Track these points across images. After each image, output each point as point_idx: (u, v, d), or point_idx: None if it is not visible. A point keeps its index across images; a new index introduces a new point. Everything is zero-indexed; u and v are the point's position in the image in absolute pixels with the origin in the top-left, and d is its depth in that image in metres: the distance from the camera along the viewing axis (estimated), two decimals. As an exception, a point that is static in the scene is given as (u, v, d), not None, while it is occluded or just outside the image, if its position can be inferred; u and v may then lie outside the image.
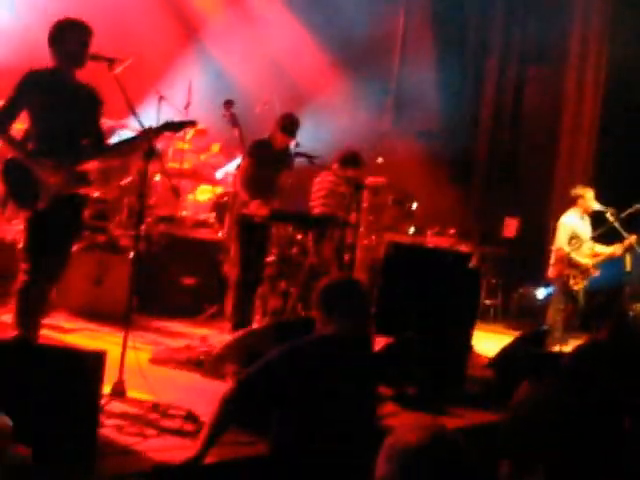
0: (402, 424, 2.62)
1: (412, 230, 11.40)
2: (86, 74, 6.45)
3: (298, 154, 8.94)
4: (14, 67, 6.88)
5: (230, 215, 9.67)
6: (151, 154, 6.14)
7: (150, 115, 9.67)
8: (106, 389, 5.54)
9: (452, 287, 8.26)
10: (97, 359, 4.71)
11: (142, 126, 6.19)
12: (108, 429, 5.13)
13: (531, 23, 15.32)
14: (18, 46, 10.07)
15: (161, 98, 9.96)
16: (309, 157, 8.80)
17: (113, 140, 10.06)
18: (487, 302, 13.27)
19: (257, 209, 8.58)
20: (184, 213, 10.54)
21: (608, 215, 10.39)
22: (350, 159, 9.67)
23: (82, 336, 7.94)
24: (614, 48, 14.31)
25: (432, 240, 10.81)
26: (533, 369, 6.15)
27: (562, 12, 14.78)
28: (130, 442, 5.05)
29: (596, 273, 10.50)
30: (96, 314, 8.72)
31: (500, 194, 15.44)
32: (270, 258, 9.19)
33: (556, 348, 9.68)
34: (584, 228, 10.58)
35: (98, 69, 6.34)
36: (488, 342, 9.99)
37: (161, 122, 6.50)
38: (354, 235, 9.19)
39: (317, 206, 9.68)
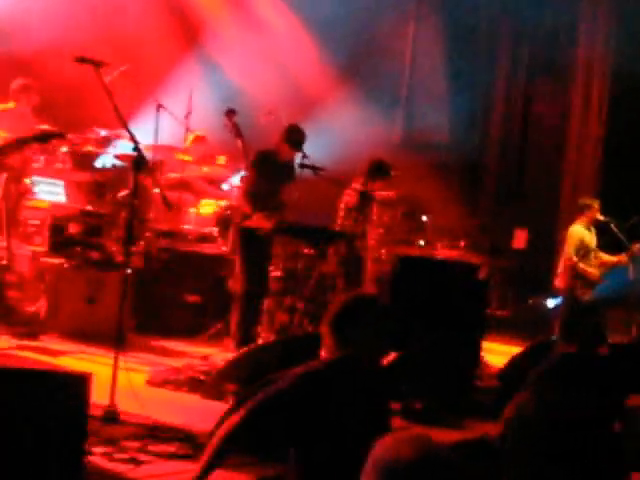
0: (388, 436, 2.42)
1: (422, 243, 11.21)
2: (80, 80, 6.21)
3: (303, 166, 8.70)
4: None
5: (234, 229, 9.41)
6: (141, 166, 5.86)
7: (149, 124, 9.47)
8: (98, 413, 5.30)
9: (461, 298, 8.11)
10: (82, 382, 4.42)
11: (132, 135, 5.91)
12: (99, 456, 4.88)
13: (539, 36, 15.24)
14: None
15: (159, 107, 9.70)
16: (315, 169, 8.58)
17: (109, 151, 9.89)
18: (497, 313, 13.16)
19: (260, 222, 8.34)
20: (186, 227, 10.26)
21: (612, 225, 10.45)
22: (377, 169, 9.50)
23: (75, 359, 7.60)
24: (619, 61, 14.23)
25: (442, 252, 10.58)
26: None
27: (569, 26, 14.74)
28: (123, 469, 4.82)
29: (601, 282, 10.52)
30: (90, 335, 8.29)
31: (509, 206, 15.37)
32: (276, 273, 8.96)
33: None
34: (591, 238, 10.64)
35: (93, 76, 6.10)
36: (497, 353, 9.85)
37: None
38: (362, 248, 9.00)
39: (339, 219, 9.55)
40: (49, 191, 9.36)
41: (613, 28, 14.54)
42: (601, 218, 10.51)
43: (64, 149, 9.48)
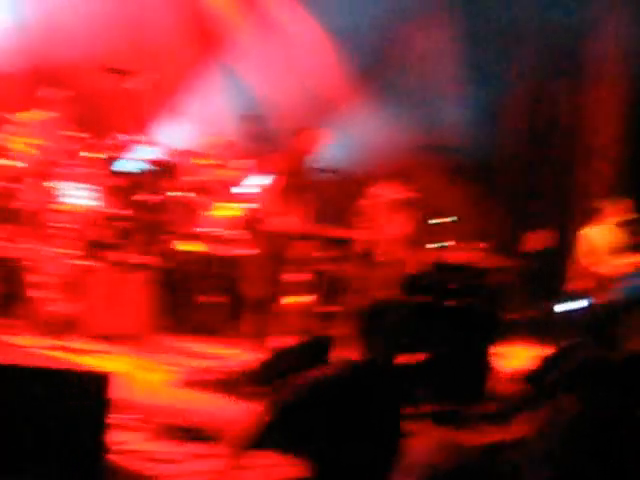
0: (425, 442, 2.45)
1: (436, 245, 11.27)
2: (106, 88, 6.34)
3: (320, 169, 8.80)
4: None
5: (253, 231, 9.52)
6: (163, 170, 5.99)
7: (170, 129, 9.59)
8: (124, 412, 5.39)
9: (478, 302, 8.16)
10: (102, 380, 4.49)
11: (155, 141, 6.04)
12: (122, 454, 4.95)
13: (555, 37, 15.21)
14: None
15: (179, 112, 9.85)
16: (332, 172, 8.67)
17: (133, 156, 10.06)
18: (512, 316, 13.10)
19: (282, 225, 8.45)
20: (203, 229, 10.39)
21: (629, 227, 10.39)
22: (397, 173, 9.60)
23: (100, 357, 7.74)
24: (635, 59, 14.15)
25: (459, 255, 10.63)
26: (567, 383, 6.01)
27: (585, 24, 14.66)
28: (146, 467, 4.87)
29: (622, 284, 10.33)
30: (115, 335, 8.52)
31: (525, 207, 15.35)
32: (299, 276, 9.05)
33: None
34: (606, 240, 10.54)
35: (116, 83, 6.23)
36: (514, 357, 9.83)
37: None
38: (383, 252, 9.08)
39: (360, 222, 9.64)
40: (76, 195, 9.51)
41: (632, 26, 14.47)
42: (618, 219, 10.42)
43: (90, 154, 9.67)
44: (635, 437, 3.92)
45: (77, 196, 9.54)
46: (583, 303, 10.87)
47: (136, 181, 10.11)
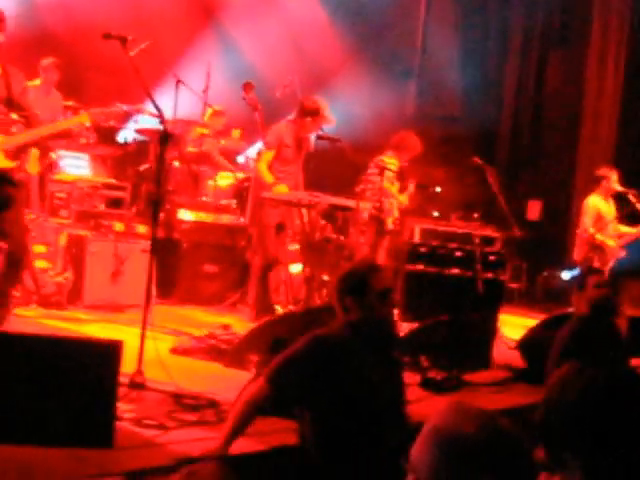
0: (454, 408, 2.36)
1: (436, 214, 11.28)
2: (103, 57, 6.30)
3: (320, 137, 8.78)
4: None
5: (251, 201, 9.53)
6: (166, 139, 5.96)
7: (168, 99, 9.57)
8: (125, 380, 5.41)
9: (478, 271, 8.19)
10: (113, 349, 4.57)
11: (158, 110, 5.99)
12: (127, 422, 4.98)
13: (553, 5, 15.16)
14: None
15: (179, 82, 9.83)
16: (332, 140, 8.64)
17: (131, 125, 10.05)
18: (512, 285, 13.13)
19: (285, 194, 8.46)
20: (205, 199, 10.39)
21: (630, 196, 10.32)
22: (395, 143, 9.60)
23: (101, 327, 7.81)
24: (636, 31, 14.13)
25: (456, 224, 10.64)
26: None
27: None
28: (150, 434, 4.91)
29: (622, 254, 10.40)
30: (115, 304, 8.62)
31: (523, 177, 15.36)
32: (295, 244, 9.08)
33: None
34: (608, 209, 10.52)
35: (115, 52, 6.20)
36: (513, 325, 9.86)
37: None
38: (380, 220, 9.07)
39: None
40: (74, 165, 9.53)
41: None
42: (619, 189, 10.39)
43: (88, 124, 9.67)
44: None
45: (77, 166, 9.55)
46: (578, 272, 10.88)
47: (138, 151, 10.15)
